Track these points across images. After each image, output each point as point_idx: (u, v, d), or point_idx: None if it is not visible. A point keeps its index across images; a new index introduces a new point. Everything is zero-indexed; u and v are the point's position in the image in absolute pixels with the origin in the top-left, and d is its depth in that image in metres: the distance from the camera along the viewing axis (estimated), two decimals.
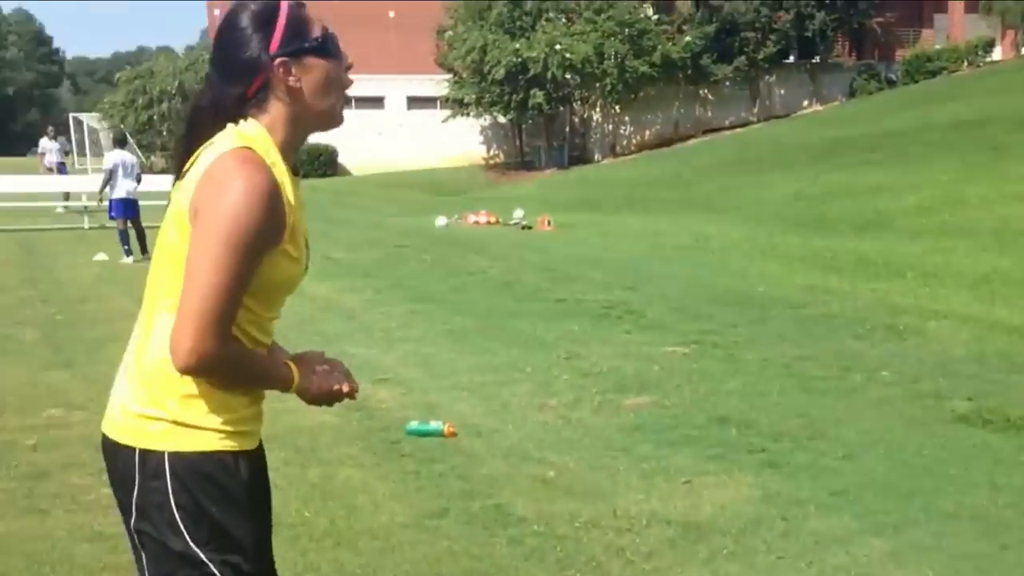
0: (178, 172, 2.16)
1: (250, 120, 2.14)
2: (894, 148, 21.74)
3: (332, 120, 2.24)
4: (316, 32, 2.17)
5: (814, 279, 11.76)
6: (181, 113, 41.49)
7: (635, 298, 10.85)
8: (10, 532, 4.71)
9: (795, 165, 23.07)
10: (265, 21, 2.13)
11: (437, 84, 39.38)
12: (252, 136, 2.11)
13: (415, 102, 42.23)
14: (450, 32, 38.85)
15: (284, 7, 2.15)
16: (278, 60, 2.12)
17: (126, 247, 15.35)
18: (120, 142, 16.80)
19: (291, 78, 2.13)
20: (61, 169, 27.73)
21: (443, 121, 39.53)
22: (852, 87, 39.59)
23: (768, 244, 14.63)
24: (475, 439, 6.03)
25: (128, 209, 15.46)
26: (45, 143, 28.71)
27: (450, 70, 38.89)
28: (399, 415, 6.46)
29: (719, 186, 22.73)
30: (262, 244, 2.04)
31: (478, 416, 6.56)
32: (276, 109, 2.15)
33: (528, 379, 7.54)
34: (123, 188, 15.44)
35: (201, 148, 2.12)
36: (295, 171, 2.21)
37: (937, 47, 38.94)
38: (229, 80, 2.15)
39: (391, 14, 43.77)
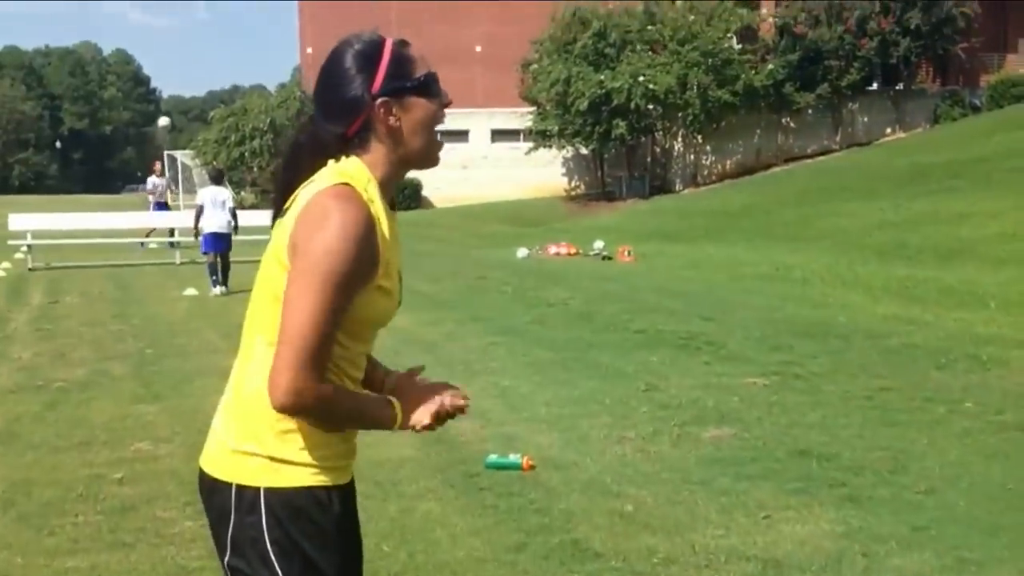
0: (278, 209, 2.20)
1: (351, 157, 2.17)
2: (978, 175, 21.35)
3: (429, 159, 2.26)
4: (419, 71, 2.19)
5: (896, 309, 11.61)
6: (279, 149, 42.28)
7: (715, 329, 10.81)
8: (95, 566, 4.81)
9: (877, 193, 22.77)
10: (369, 60, 2.15)
11: (521, 117, 39.71)
12: (351, 172, 2.14)
13: (499, 135, 42.61)
14: (535, 65, 39.18)
15: (388, 46, 2.18)
16: (380, 100, 2.14)
17: (214, 278, 15.72)
18: (214, 179, 17.21)
19: (391, 118, 2.15)
20: (159, 207, 26.72)
21: (526, 153, 39.86)
22: (936, 113, 38.95)
23: (850, 273, 14.47)
24: (553, 472, 6.06)
25: (217, 243, 15.79)
26: (154, 180, 27.63)
27: (534, 103, 39.21)
28: (478, 448, 6.52)
29: (800, 215, 22.53)
30: (358, 280, 2.07)
31: (556, 449, 6.59)
32: (376, 148, 2.18)
33: (607, 411, 7.56)
34: (212, 223, 15.77)
35: (301, 186, 2.16)
36: (392, 206, 2.24)
37: (1022, 72, 38.17)
38: (331, 118, 2.18)
39: (478, 48, 44.33)
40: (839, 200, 23.22)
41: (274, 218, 2.22)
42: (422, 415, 2.24)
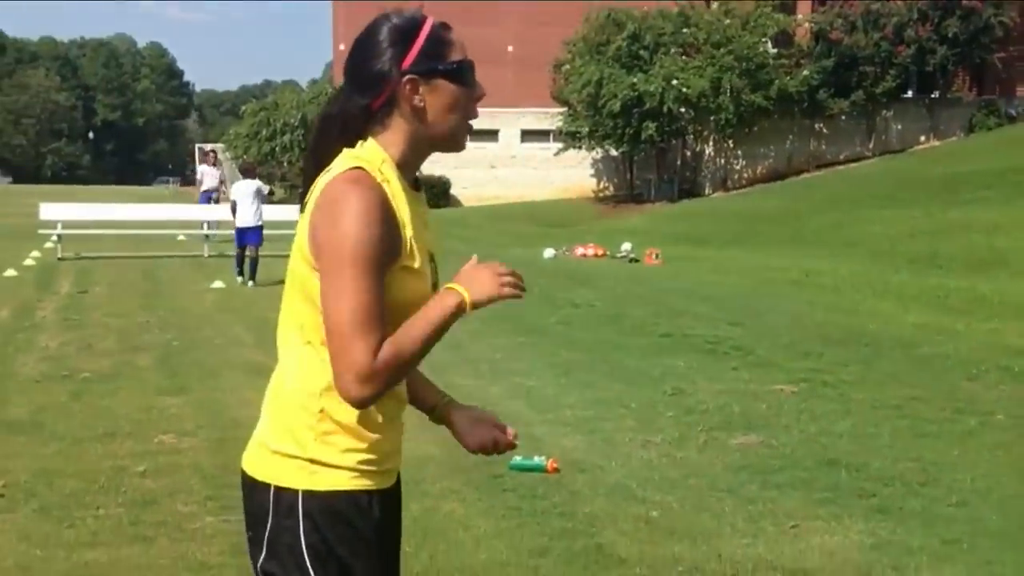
0: (303, 199, 2.16)
1: (368, 140, 2.14)
2: (1013, 185, 21.10)
3: (452, 144, 2.21)
4: (454, 56, 2.15)
5: (927, 318, 11.48)
6: (310, 131, 42.44)
7: (743, 334, 10.72)
8: (115, 560, 4.79)
9: (910, 201, 22.56)
10: (404, 36, 2.12)
11: (551, 117, 39.66)
12: (363, 155, 2.10)
13: (528, 135, 42.55)
14: (567, 66, 39.11)
15: (428, 25, 2.14)
16: (407, 77, 2.10)
17: (238, 269, 16.06)
18: (245, 172, 17.34)
19: (416, 97, 2.11)
20: (205, 197, 25.12)
21: (555, 154, 39.79)
22: (971, 122, 38.58)
23: (880, 281, 14.33)
24: (578, 475, 6.01)
25: (244, 236, 15.90)
26: (205, 169, 26.12)
27: (565, 103, 39.13)
28: None
29: (831, 221, 22.35)
30: (384, 256, 2.03)
31: (581, 452, 6.53)
32: (397, 125, 2.14)
33: (632, 415, 7.50)
34: (240, 218, 15.87)
35: (320, 175, 2.12)
36: (416, 186, 2.20)
37: None
38: (358, 89, 2.15)
39: (510, 48, 44.32)
40: (871, 207, 23.02)
41: (301, 209, 2.17)
42: (479, 445, 2.34)
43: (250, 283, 15.68)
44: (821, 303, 12.98)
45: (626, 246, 20.16)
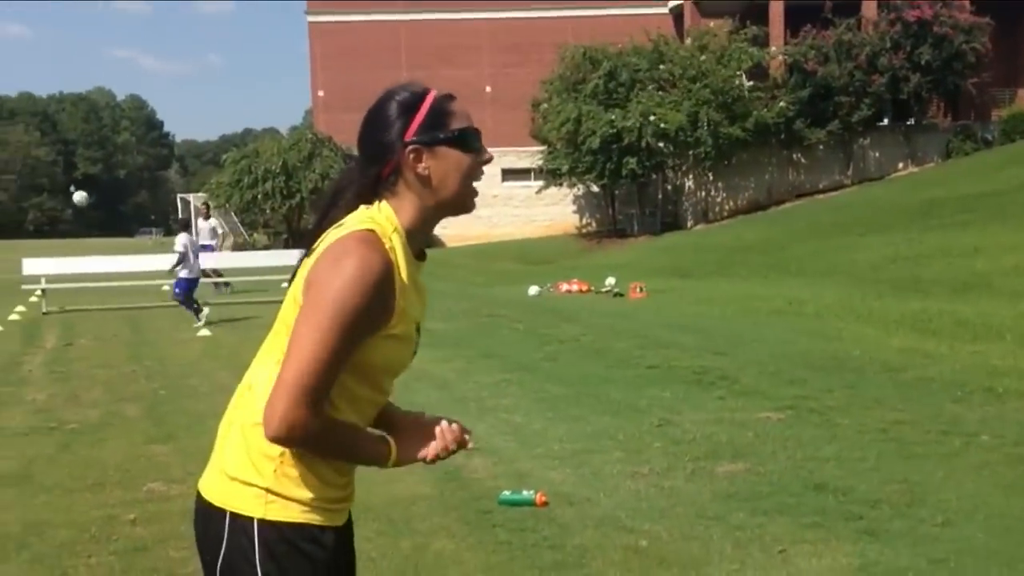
0: (308, 248, 2.24)
1: (383, 203, 2.23)
2: (992, 208, 21.33)
3: (460, 207, 2.32)
4: (456, 124, 2.25)
5: (911, 342, 11.56)
6: (292, 190, 42.43)
7: (728, 363, 10.77)
8: None
9: (890, 227, 22.76)
10: (408, 109, 2.22)
11: (531, 156, 39.91)
12: (378, 219, 2.19)
13: (509, 174, 42.80)
14: (545, 105, 39.41)
15: (430, 98, 2.25)
16: (410, 147, 2.21)
17: (194, 307, 16.93)
18: (186, 225, 17.90)
19: (421, 165, 2.22)
20: (205, 249, 23.38)
21: (537, 192, 40.02)
22: (948, 148, 38.98)
23: (863, 307, 14.43)
24: (567, 508, 6.03)
25: (192, 286, 17.08)
26: (203, 224, 25.62)
27: (544, 141, 39.40)
28: (491, 485, 6.50)
29: (813, 250, 22.51)
30: (366, 326, 2.09)
31: (570, 485, 6.56)
32: (406, 192, 2.24)
33: (620, 446, 7.53)
34: (194, 266, 16.93)
35: (332, 228, 2.20)
36: (421, 255, 2.30)
37: None
38: (367, 160, 2.26)
39: (488, 89, 44.68)
40: (852, 235, 23.21)
41: (303, 257, 2.25)
42: (425, 451, 2.30)
43: (206, 310, 16.88)
44: (805, 330, 13.06)
45: (610, 280, 20.26)
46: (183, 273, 16.77)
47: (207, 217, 26.83)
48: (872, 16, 39.21)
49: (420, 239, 2.29)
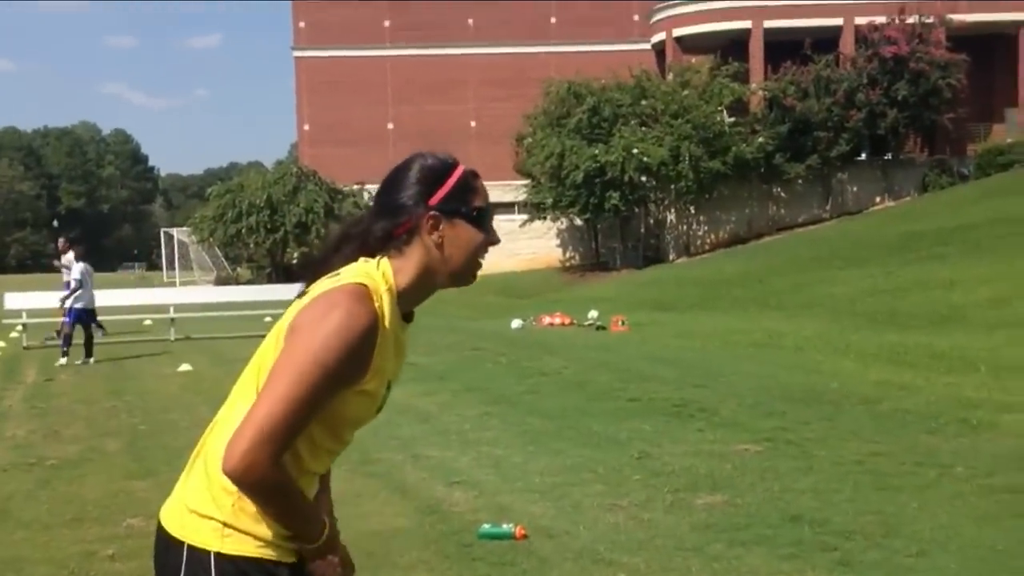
0: (303, 289, 2.28)
1: (384, 260, 2.27)
2: (967, 242, 21.56)
3: (461, 280, 2.37)
4: (478, 203, 2.31)
5: (888, 374, 11.66)
6: (277, 224, 42.28)
7: (708, 396, 10.85)
8: None
9: (868, 261, 22.95)
10: (436, 176, 2.27)
11: (515, 190, 40.12)
12: (374, 275, 2.22)
13: (493, 208, 43.00)
14: (529, 139, 39.68)
15: (459, 170, 2.30)
16: (432, 213, 2.25)
17: (66, 348, 16.93)
18: (84, 257, 18.09)
19: (436, 233, 2.26)
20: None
21: (521, 225, 40.18)
22: (924, 182, 39.43)
23: (841, 340, 14.54)
24: (546, 541, 6.07)
25: (88, 317, 17.32)
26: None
27: (528, 175, 39.64)
28: (471, 518, 6.53)
29: (792, 283, 22.67)
30: (341, 380, 2.13)
31: (549, 518, 6.60)
32: (413, 253, 2.27)
33: (600, 479, 7.58)
34: (86, 298, 17.05)
35: (327, 277, 2.24)
36: (409, 318, 2.34)
37: (1009, 141, 38.69)
38: (384, 215, 2.29)
39: (472, 123, 44.99)
40: (831, 268, 23.38)
41: (298, 296, 2.28)
42: (317, 569, 2.27)
43: (91, 360, 16.72)
44: (784, 363, 13.14)
45: (593, 314, 20.35)
46: (79, 304, 16.93)
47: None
48: (850, 52, 39.75)
49: (412, 302, 2.32)
